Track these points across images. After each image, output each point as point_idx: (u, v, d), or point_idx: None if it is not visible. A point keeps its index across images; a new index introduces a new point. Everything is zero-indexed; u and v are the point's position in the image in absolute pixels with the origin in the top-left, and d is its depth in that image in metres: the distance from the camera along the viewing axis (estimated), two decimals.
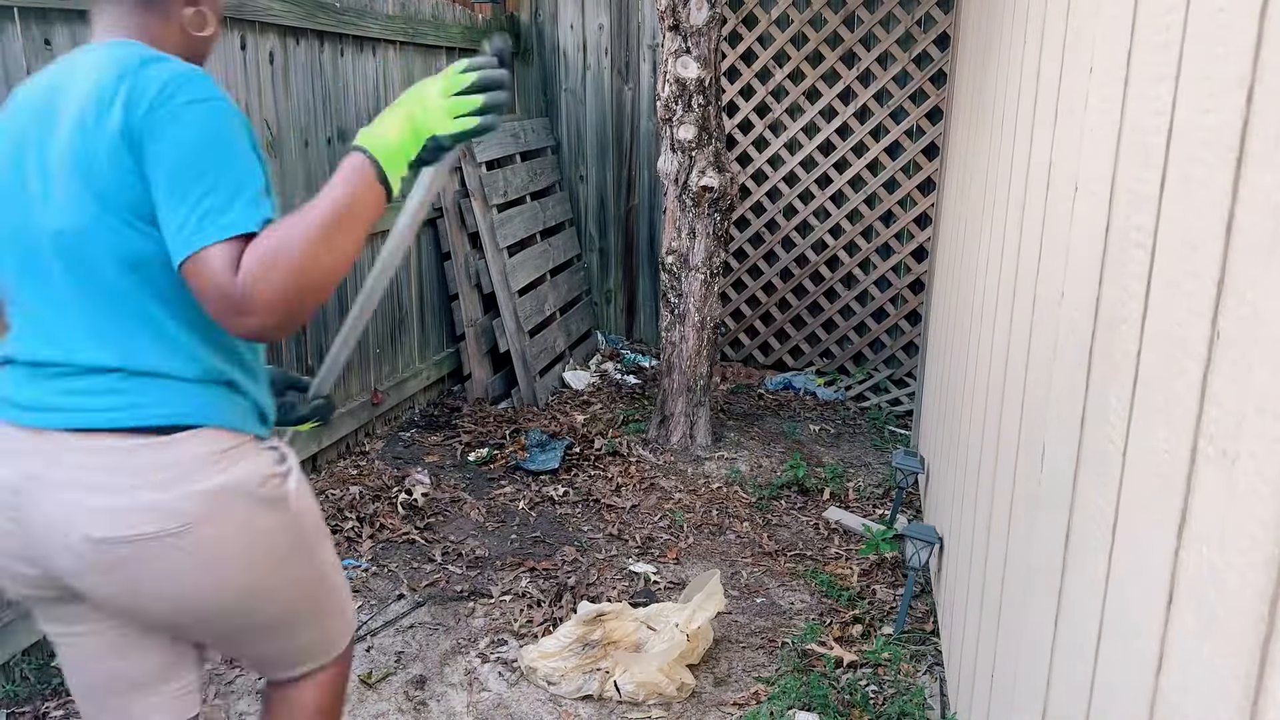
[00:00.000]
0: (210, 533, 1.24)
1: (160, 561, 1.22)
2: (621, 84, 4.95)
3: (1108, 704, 0.99)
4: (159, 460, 1.22)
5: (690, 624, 2.40)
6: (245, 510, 1.27)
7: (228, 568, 1.27)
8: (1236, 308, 0.72)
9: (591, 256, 5.22)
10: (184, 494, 1.22)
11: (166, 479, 1.21)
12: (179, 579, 1.24)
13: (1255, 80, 0.71)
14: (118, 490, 1.20)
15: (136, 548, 1.20)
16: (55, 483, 1.21)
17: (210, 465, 1.24)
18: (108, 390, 1.22)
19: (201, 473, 1.23)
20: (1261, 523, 0.65)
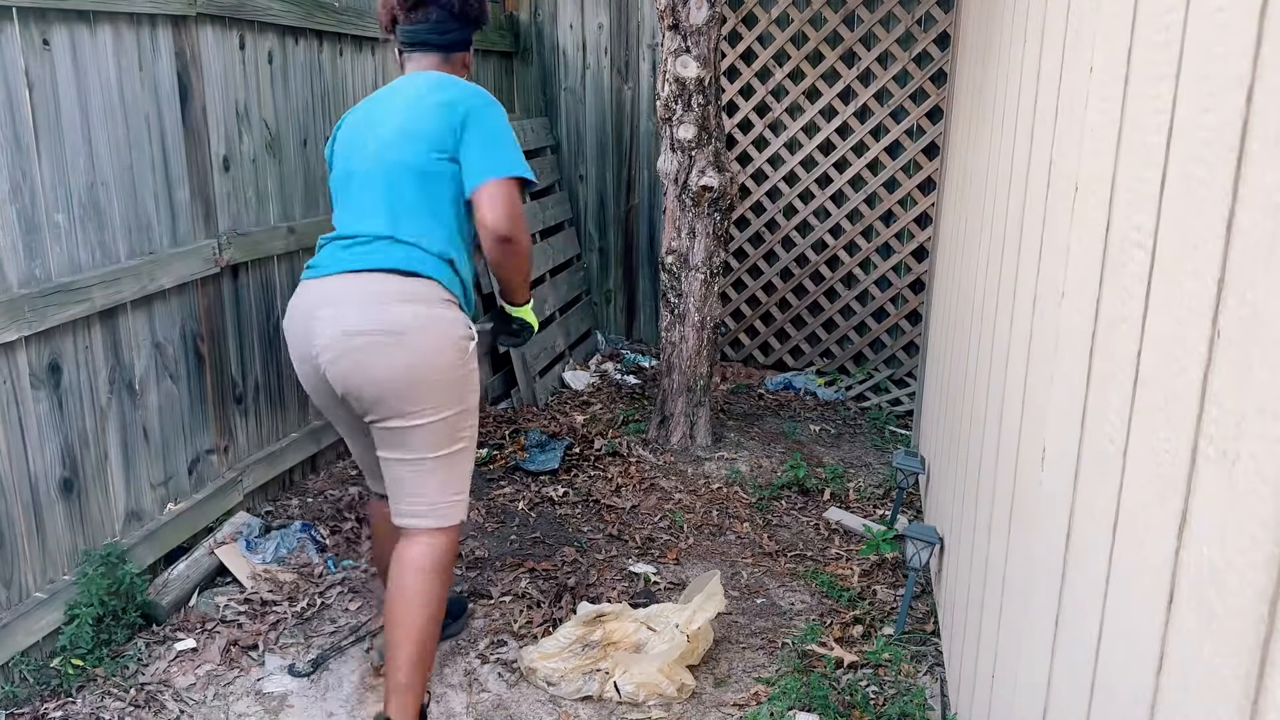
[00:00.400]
0: (416, 340, 1.93)
1: (380, 350, 1.91)
2: (621, 83, 4.95)
3: (1108, 704, 0.99)
4: (402, 290, 1.96)
5: (690, 625, 2.40)
6: (442, 335, 1.97)
7: (415, 368, 1.94)
8: (1236, 307, 0.71)
9: (591, 256, 5.22)
10: (411, 312, 1.94)
11: (401, 301, 1.95)
12: (386, 366, 1.92)
13: (1255, 79, 0.71)
14: (372, 301, 1.94)
15: (368, 339, 1.92)
16: (329, 303, 1.96)
17: (432, 302, 1.98)
18: (381, 249, 2.00)
19: (424, 304, 1.97)
20: (1261, 523, 0.65)
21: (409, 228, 2.03)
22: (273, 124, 3.16)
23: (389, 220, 2.04)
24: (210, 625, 2.58)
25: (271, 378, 3.27)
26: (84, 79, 2.39)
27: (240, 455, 3.12)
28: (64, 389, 2.39)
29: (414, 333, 1.94)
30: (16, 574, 2.29)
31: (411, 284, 1.98)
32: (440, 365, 1.97)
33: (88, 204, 2.42)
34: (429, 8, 2.18)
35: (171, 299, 2.74)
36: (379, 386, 1.94)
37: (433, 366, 1.96)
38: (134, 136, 2.56)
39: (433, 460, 2.02)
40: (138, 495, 2.67)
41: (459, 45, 2.25)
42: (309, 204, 3.39)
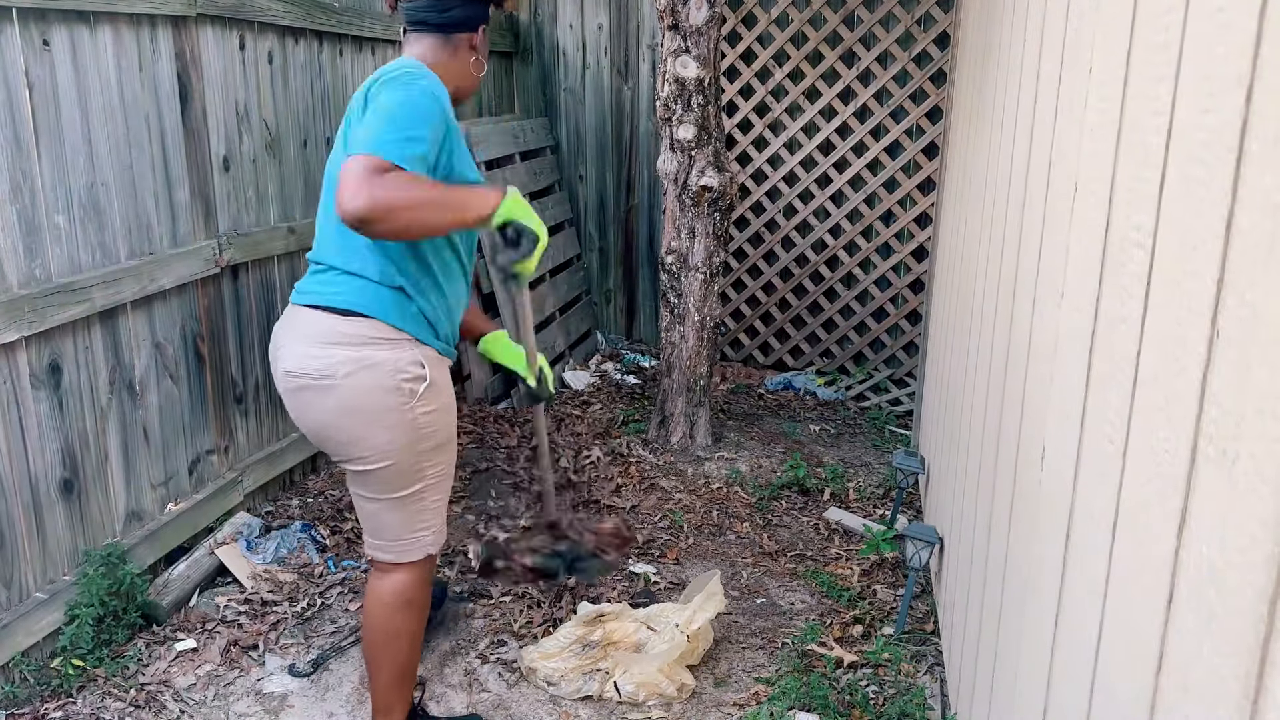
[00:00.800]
0: (345, 387, 1.81)
1: (312, 395, 1.84)
2: (621, 83, 4.95)
3: (1108, 704, 0.99)
4: (333, 331, 1.82)
5: (690, 625, 2.40)
6: (373, 383, 1.81)
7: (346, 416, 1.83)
8: (1236, 308, 0.71)
9: (591, 256, 5.22)
10: (339, 357, 1.81)
11: (331, 344, 1.81)
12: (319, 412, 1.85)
13: (1255, 79, 0.71)
14: (305, 344, 1.83)
15: (298, 382, 1.85)
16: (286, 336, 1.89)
17: (362, 344, 1.81)
18: (326, 282, 1.87)
19: (353, 346, 1.81)
20: (1261, 522, 0.65)
21: (351, 254, 1.85)
22: (273, 124, 3.16)
23: (337, 244, 1.88)
24: (210, 625, 2.58)
25: (272, 378, 3.27)
26: (84, 79, 2.39)
27: (240, 455, 3.12)
28: (64, 389, 2.39)
29: (343, 379, 1.80)
30: (17, 574, 2.29)
31: (346, 324, 1.82)
32: (376, 411, 1.82)
33: (88, 204, 2.42)
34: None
35: (171, 299, 2.74)
36: (316, 433, 1.90)
37: (367, 413, 1.82)
38: (134, 137, 2.56)
39: (392, 500, 1.94)
40: (138, 495, 2.67)
41: (463, 25, 1.98)
42: (309, 204, 3.39)
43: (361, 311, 1.83)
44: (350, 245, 1.85)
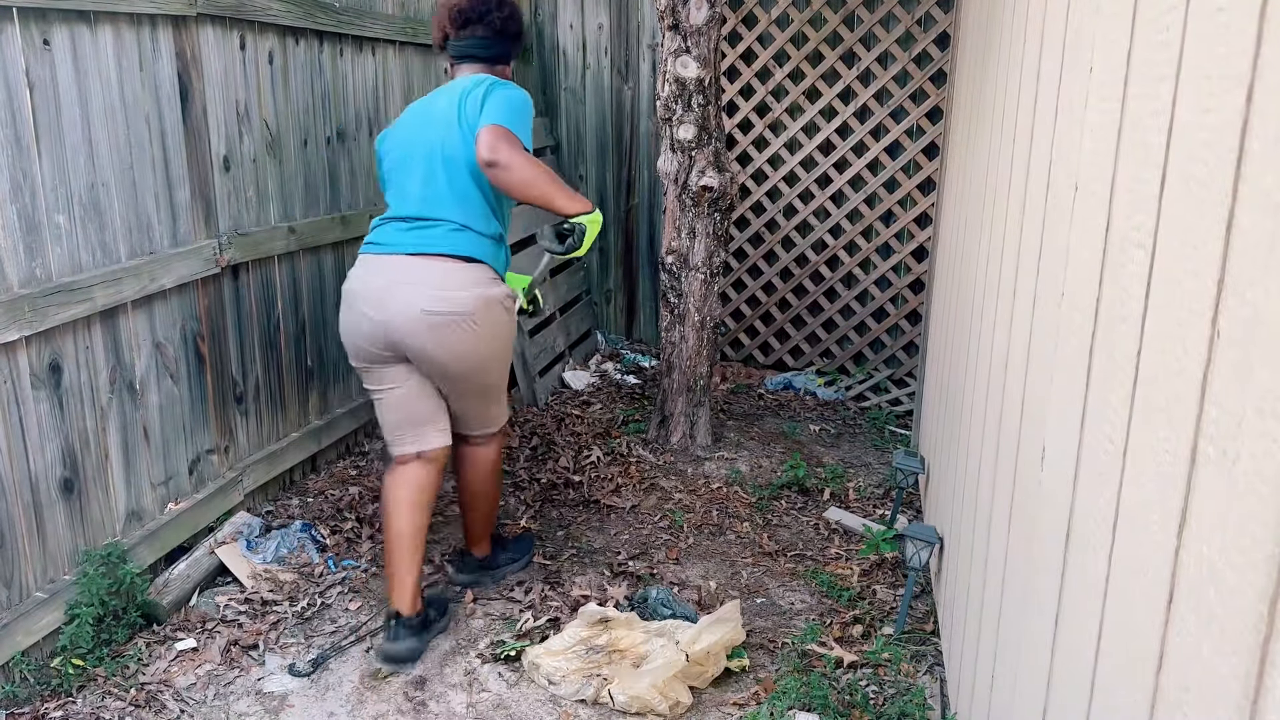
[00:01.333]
0: (481, 318, 2.38)
1: (454, 329, 2.35)
2: (621, 83, 4.95)
3: (1108, 704, 0.99)
4: (464, 276, 2.37)
5: (694, 645, 2.37)
6: (498, 310, 2.42)
7: (485, 337, 2.40)
8: (1236, 308, 0.71)
9: (591, 256, 5.22)
10: (473, 295, 2.36)
11: (464, 288, 2.36)
12: (461, 339, 2.37)
13: (1255, 79, 0.71)
14: (438, 287, 2.34)
15: (445, 319, 2.34)
16: (406, 282, 2.35)
17: (487, 283, 2.40)
18: (443, 235, 2.39)
19: (482, 286, 2.39)
20: (1261, 522, 0.65)
21: (461, 212, 2.41)
22: (273, 124, 3.16)
23: (445, 205, 2.41)
24: (211, 625, 2.58)
25: (272, 377, 3.27)
26: (84, 79, 2.39)
27: (241, 455, 3.12)
28: (64, 389, 2.39)
29: (480, 314, 2.38)
30: (17, 574, 2.30)
31: (473, 270, 2.39)
32: (498, 335, 2.46)
33: (88, 204, 2.42)
34: (476, 26, 2.57)
35: (172, 299, 2.74)
36: (457, 358, 2.40)
37: (494, 337, 2.44)
38: (134, 136, 2.56)
39: (485, 388, 2.56)
40: (138, 495, 2.67)
41: (501, 58, 2.65)
42: (309, 204, 3.39)
43: (480, 259, 2.40)
44: (468, 204, 2.42)
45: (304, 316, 3.43)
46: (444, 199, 2.41)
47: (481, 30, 2.57)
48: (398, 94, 3.92)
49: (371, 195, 3.78)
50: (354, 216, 3.63)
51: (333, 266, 3.57)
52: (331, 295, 3.58)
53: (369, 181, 3.77)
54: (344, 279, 3.63)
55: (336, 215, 3.53)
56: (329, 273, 3.55)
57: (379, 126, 3.80)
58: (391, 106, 3.87)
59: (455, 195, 2.41)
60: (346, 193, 3.61)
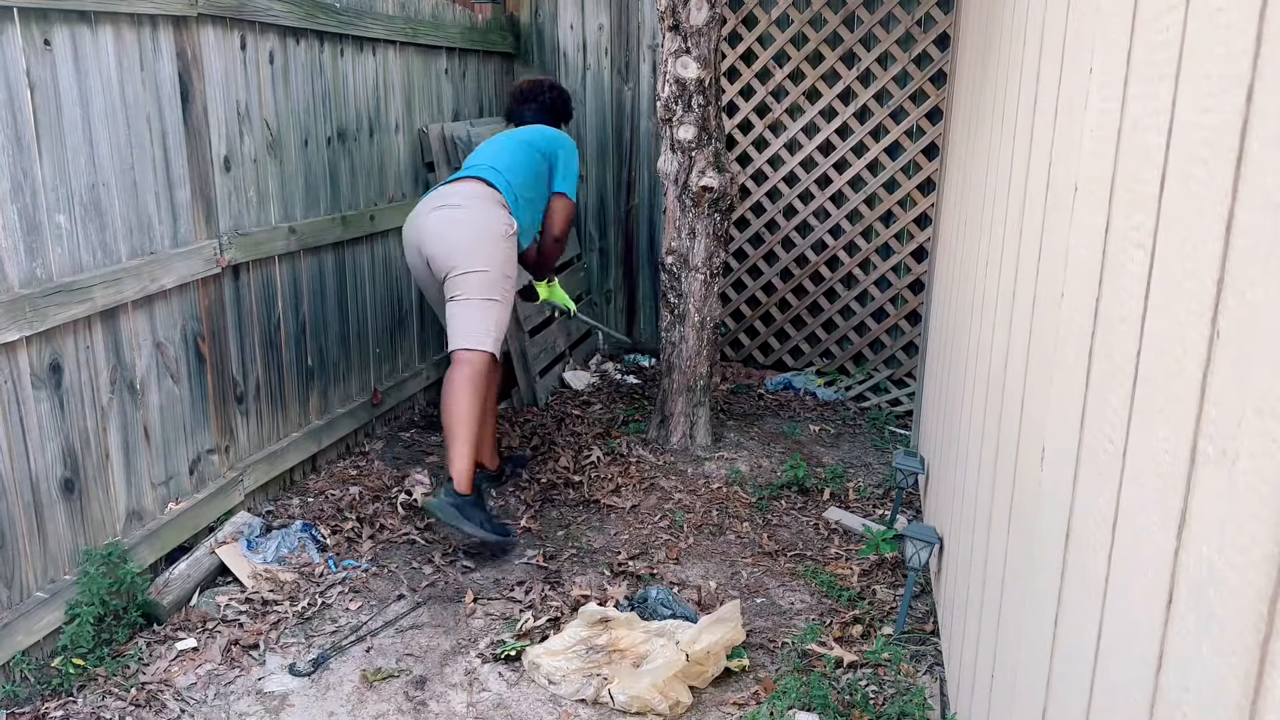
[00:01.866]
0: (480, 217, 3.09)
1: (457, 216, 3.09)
2: (621, 84, 4.95)
3: (1108, 704, 0.99)
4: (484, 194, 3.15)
5: (694, 645, 2.37)
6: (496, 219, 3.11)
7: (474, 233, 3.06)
8: (1236, 308, 0.71)
9: (591, 256, 5.22)
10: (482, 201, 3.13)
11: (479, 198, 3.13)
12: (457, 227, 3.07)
13: (1255, 79, 0.71)
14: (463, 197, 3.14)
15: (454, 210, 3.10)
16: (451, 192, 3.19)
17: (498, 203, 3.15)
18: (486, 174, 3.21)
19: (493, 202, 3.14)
20: (1261, 522, 0.65)
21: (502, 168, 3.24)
22: (274, 124, 3.16)
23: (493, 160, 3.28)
24: (211, 625, 2.59)
25: (272, 377, 3.27)
26: (85, 79, 2.39)
27: (241, 455, 3.12)
28: (65, 389, 2.39)
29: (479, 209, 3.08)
30: (17, 573, 2.30)
31: (485, 188, 3.15)
32: (492, 232, 3.06)
33: (89, 204, 2.43)
34: (531, 103, 3.58)
35: (172, 299, 2.74)
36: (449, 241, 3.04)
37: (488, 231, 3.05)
38: (135, 137, 2.56)
39: (478, 300, 3.02)
40: (139, 495, 2.67)
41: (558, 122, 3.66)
42: (310, 204, 3.39)
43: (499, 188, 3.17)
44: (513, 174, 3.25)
45: (304, 316, 3.43)
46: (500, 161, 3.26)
47: (535, 106, 3.57)
48: (398, 94, 3.92)
49: (373, 195, 3.79)
50: (354, 216, 3.63)
51: (333, 266, 3.58)
52: (332, 295, 3.58)
53: (369, 181, 3.77)
54: (344, 279, 3.64)
55: (337, 215, 3.53)
56: (329, 273, 3.56)
57: (379, 126, 3.80)
58: (391, 106, 3.87)
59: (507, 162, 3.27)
60: (347, 193, 3.61)
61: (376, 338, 3.92)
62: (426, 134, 4.10)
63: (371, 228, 3.74)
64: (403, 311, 4.08)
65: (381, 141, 3.82)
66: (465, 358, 3.00)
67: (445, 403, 2.99)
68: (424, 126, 4.09)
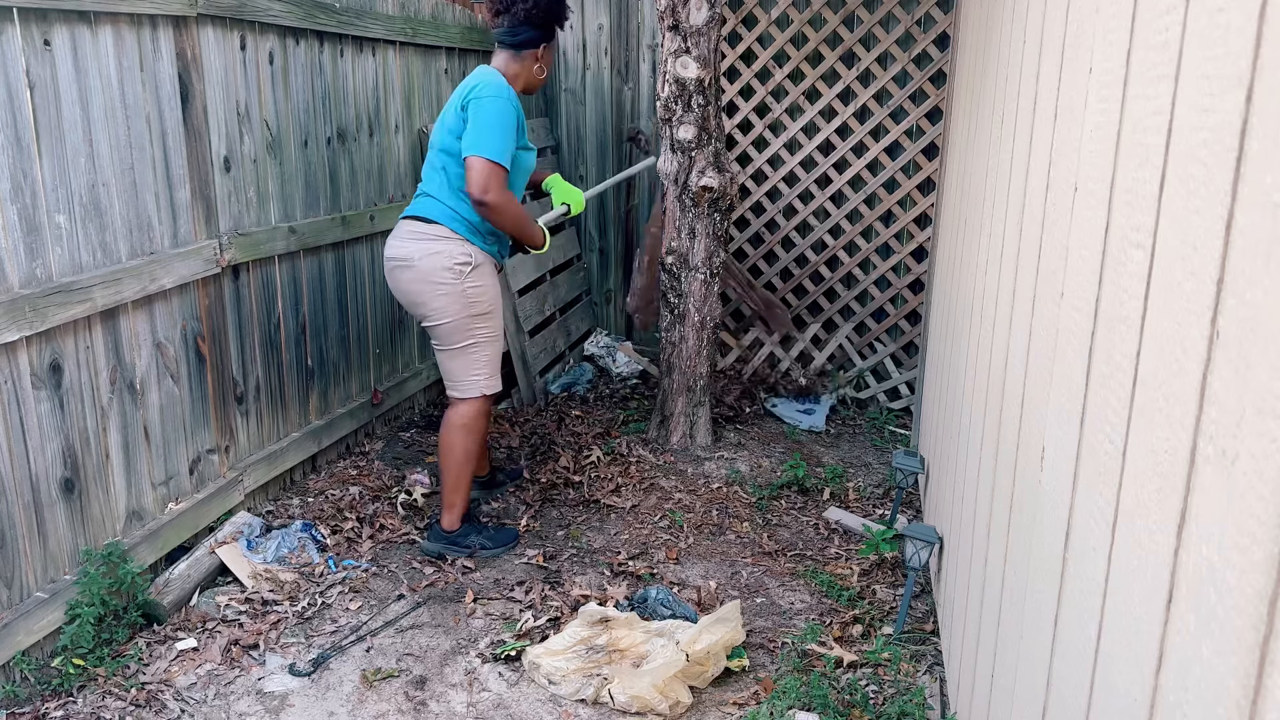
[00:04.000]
0: (420, 267, 2.82)
1: (401, 272, 2.87)
2: (621, 84, 4.95)
3: (1108, 704, 0.99)
4: (417, 231, 2.85)
5: (694, 644, 2.37)
6: (438, 265, 2.82)
7: (421, 286, 2.84)
8: (1236, 308, 0.72)
9: (591, 256, 5.22)
10: (418, 247, 2.83)
11: (416, 240, 2.84)
12: (405, 280, 2.86)
13: (1255, 79, 0.71)
14: (403, 241, 2.86)
15: (397, 264, 2.87)
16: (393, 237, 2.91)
17: (434, 240, 2.83)
18: (422, 204, 2.89)
19: (428, 243, 2.83)
20: (1261, 522, 0.65)
21: (435, 188, 2.88)
22: (273, 124, 3.16)
23: (428, 181, 2.91)
24: (211, 625, 2.59)
25: (272, 377, 3.27)
26: (85, 79, 2.39)
27: (241, 455, 3.12)
28: (65, 389, 2.39)
29: (418, 259, 2.82)
30: (18, 573, 2.30)
31: (425, 228, 2.84)
32: (436, 282, 2.82)
33: (89, 204, 2.43)
34: (504, 15, 2.89)
35: (172, 299, 2.74)
36: (405, 295, 2.89)
37: (430, 282, 2.82)
38: (135, 137, 2.56)
39: (452, 349, 2.91)
40: (139, 495, 2.67)
41: (529, 44, 2.92)
42: (310, 204, 3.39)
43: (434, 219, 2.84)
44: (440, 183, 2.86)
45: (304, 316, 3.43)
46: (432, 178, 2.90)
47: (507, 19, 2.89)
48: (398, 94, 3.92)
49: (373, 195, 3.79)
50: (354, 216, 3.63)
51: (333, 267, 3.58)
52: (332, 295, 3.58)
53: (369, 181, 3.77)
54: (344, 279, 3.64)
55: (337, 215, 3.53)
56: (329, 273, 3.56)
57: (379, 126, 3.80)
58: (391, 106, 3.87)
59: (435, 174, 2.89)
60: (347, 193, 3.61)
61: (376, 338, 3.92)
62: (426, 134, 4.10)
63: (371, 228, 3.74)
64: (403, 311, 4.08)
65: (381, 142, 3.82)
66: (456, 404, 2.97)
67: (441, 444, 2.98)
68: (424, 127, 4.09)
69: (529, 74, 2.95)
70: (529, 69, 2.94)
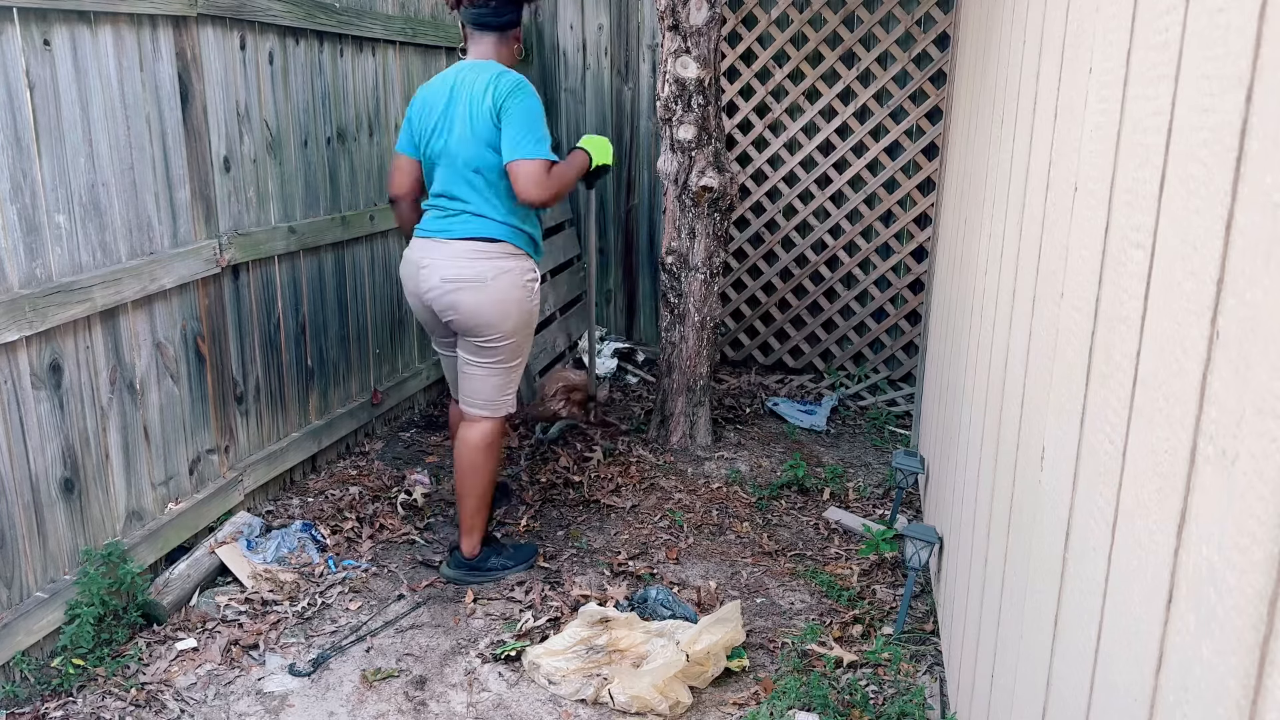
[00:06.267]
0: (494, 286, 2.67)
1: (470, 293, 2.66)
2: (621, 84, 4.95)
3: (1108, 704, 0.99)
4: (482, 250, 2.68)
5: (694, 645, 2.37)
6: (510, 283, 2.70)
7: (494, 304, 2.67)
8: (1236, 308, 0.72)
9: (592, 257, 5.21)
10: (488, 267, 2.67)
11: (485, 259, 2.67)
12: (475, 302, 2.66)
13: (1255, 80, 0.71)
14: (460, 260, 2.67)
15: (462, 284, 2.66)
16: (436, 259, 2.69)
17: (502, 258, 2.69)
18: (464, 221, 2.69)
19: (498, 261, 2.68)
20: (1261, 522, 0.65)
21: (480, 204, 2.69)
22: (273, 124, 3.16)
23: (466, 199, 2.69)
24: (211, 625, 2.59)
25: (272, 377, 3.27)
26: (85, 79, 2.39)
27: (241, 455, 3.12)
28: (65, 389, 2.39)
29: (491, 280, 2.67)
30: (17, 573, 2.30)
31: (490, 247, 2.68)
32: (511, 299, 2.70)
33: (88, 204, 2.43)
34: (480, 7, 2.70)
35: (172, 299, 2.74)
36: (470, 317, 2.69)
37: (505, 301, 2.69)
38: (135, 137, 2.56)
39: (500, 369, 2.79)
40: (139, 495, 2.67)
41: (512, 24, 2.77)
42: (310, 204, 3.39)
43: (497, 237, 2.68)
44: (486, 199, 2.68)
45: (304, 316, 3.43)
46: (469, 194, 2.69)
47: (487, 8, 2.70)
48: (398, 94, 3.92)
49: (372, 195, 3.79)
50: (354, 216, 3.63)
51: (333, 266, 3.58)
52: (332, 295, 3.58)
53: (369, 181, 3.77)
54: (344, 279, 3.64)
55: (337, 215, 3.53)
56: (329, 273, 3.56)
57: (379, 126, 3.80)
58: (391, 106, 3.87)
59: (478, 192, 2.69)
60: (347, 193, 3.61)
61: (376, 338, 3.92)
62: None
63: (371, 228, 3.74)
64: (403, 311, 4.08)
65: (381, 141, 3.82)
66: (480, 420, 2.80)
67: (461, 466, 2.80)
68: None
69: (512, 56, 2.80)
70: (513, 52, 2.80)
